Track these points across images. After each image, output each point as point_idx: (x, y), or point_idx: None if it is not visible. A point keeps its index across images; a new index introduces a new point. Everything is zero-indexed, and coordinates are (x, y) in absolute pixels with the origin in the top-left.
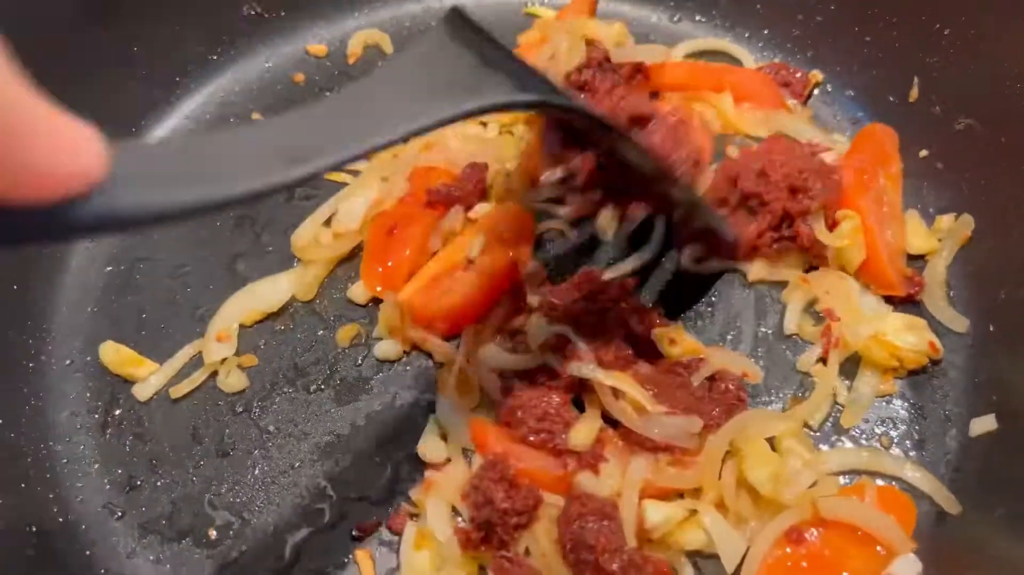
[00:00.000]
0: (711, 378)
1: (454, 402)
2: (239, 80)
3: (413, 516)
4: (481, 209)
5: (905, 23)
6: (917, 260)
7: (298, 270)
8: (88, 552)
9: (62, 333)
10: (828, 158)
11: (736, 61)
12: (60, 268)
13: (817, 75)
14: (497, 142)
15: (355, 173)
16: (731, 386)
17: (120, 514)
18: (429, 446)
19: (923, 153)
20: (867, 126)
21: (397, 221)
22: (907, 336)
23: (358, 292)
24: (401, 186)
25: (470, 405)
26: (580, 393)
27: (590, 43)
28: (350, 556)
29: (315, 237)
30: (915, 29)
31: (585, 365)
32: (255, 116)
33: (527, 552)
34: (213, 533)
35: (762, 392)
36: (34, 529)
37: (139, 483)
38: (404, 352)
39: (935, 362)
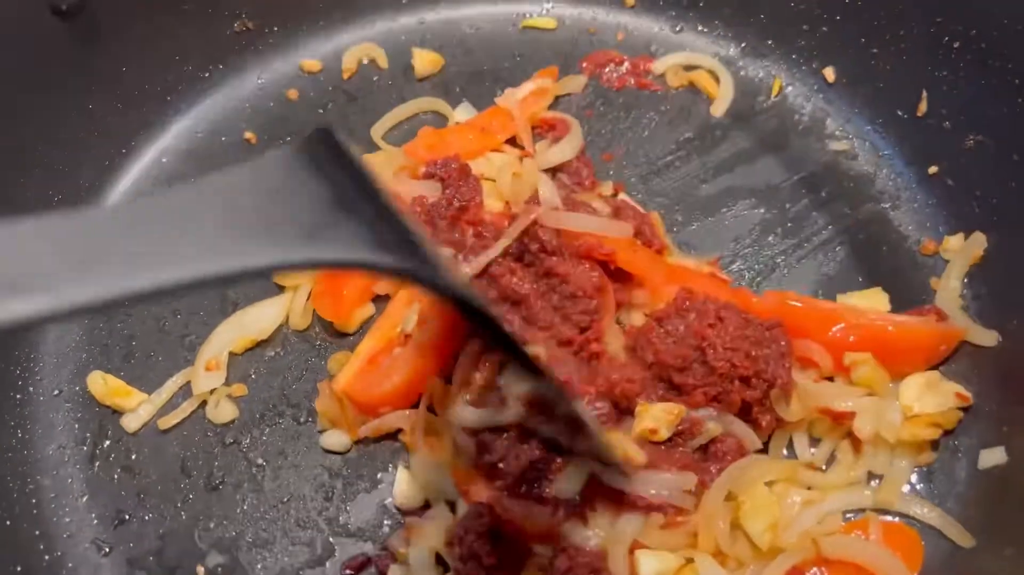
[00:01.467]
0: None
1: (426, 458)
2: (231, 98)
3: (395, 560)
4: None
5: (913, 35)
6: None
7: (287, 296)
8: None
9: (50, 363)
10: None
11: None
12: None
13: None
14: None
15: None
16: (729, 447)
17: (107, 550)
18: (404, 494)
19: (932, 169)
20: (765, 295)
21: None
22: (932, 398)
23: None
24: None
25: (443, 457)
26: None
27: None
28: None
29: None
30: (923, 42)
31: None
32: (248, 135)
33: None
34: (202, 570)
35: None
36: (19, 568)
37: (127, 518)
38: (353, 443)
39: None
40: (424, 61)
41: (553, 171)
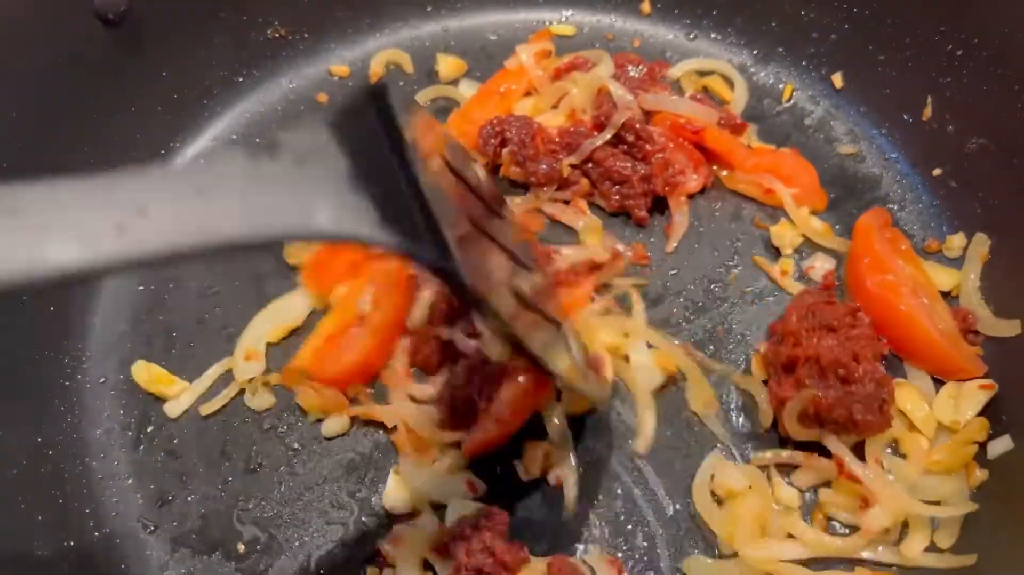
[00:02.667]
0: None
1: (413, 463)
2: (264, 101)
3: (388, 564)
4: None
5: (919, 43)
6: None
7: None
8: (123, 565)
9: (96, 352)
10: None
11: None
12: (94, 290)
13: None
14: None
15: None
16: None
17: (153, 528)
18: (393, 498)
19: (936, 172)
20: (858, 220)
21: None
22: (966, 404)
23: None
24: None
25: (430, 461)
26: None
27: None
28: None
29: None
30: (928, 49)
31: None
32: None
33: None
34: (241, 547)
35: None
36: (72, 543)
37: (171, 498)
38: (351, 422)
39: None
40: (448, 66)
41: None
